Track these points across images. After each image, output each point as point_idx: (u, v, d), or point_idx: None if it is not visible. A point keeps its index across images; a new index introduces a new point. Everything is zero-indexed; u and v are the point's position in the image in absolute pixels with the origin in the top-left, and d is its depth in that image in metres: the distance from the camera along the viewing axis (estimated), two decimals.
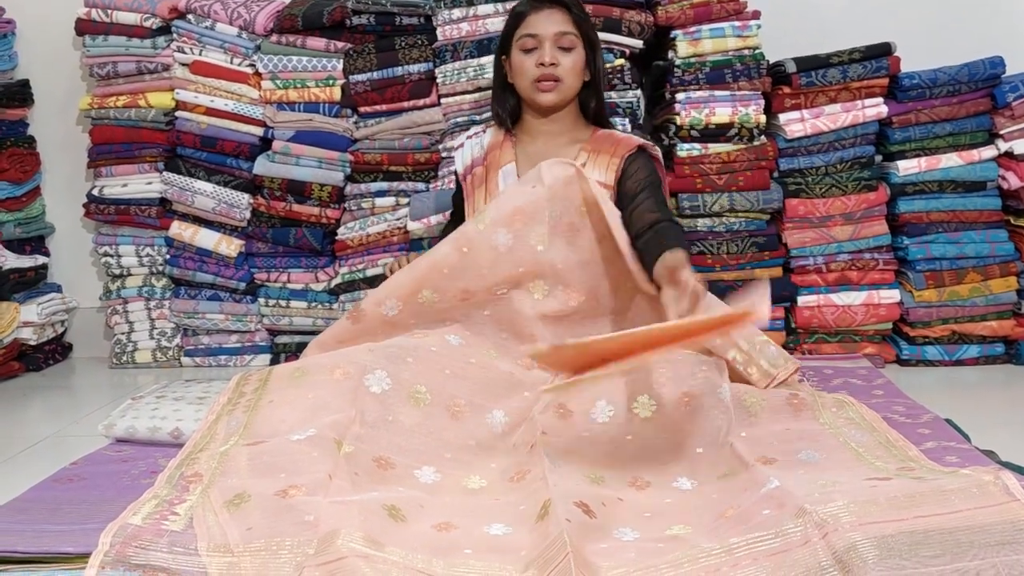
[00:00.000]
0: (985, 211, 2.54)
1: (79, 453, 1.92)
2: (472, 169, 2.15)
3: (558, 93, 2.01)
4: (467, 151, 2.18)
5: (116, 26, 2.69)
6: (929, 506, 1.23)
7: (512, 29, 2.06)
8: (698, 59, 2.53)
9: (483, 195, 2.10)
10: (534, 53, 2.01)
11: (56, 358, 2.95)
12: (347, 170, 2.66)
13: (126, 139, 2.75)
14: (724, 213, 2.56)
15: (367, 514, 1.34)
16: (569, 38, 2.00)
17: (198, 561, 1.25)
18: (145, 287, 2.83)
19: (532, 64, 2.00)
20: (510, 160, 2.09)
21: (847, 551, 1.15)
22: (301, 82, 2.66)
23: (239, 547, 1.27)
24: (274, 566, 1.23)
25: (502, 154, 2.11)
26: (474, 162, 2.16)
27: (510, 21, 2.08)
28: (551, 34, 1.99)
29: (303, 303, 2.73)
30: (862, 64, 2.50)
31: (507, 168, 2.08)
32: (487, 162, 2.13)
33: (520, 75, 2.04)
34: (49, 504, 1.62)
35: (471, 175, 2.15)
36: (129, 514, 1.39)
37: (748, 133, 2.53)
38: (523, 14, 2.04)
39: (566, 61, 2.00)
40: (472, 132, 2.24)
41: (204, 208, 2.72)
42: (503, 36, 2.10)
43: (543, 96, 2.01)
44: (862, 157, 2.57)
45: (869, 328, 2.57)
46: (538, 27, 2.00)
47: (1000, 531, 1.18)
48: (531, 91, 2.02)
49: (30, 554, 1.37)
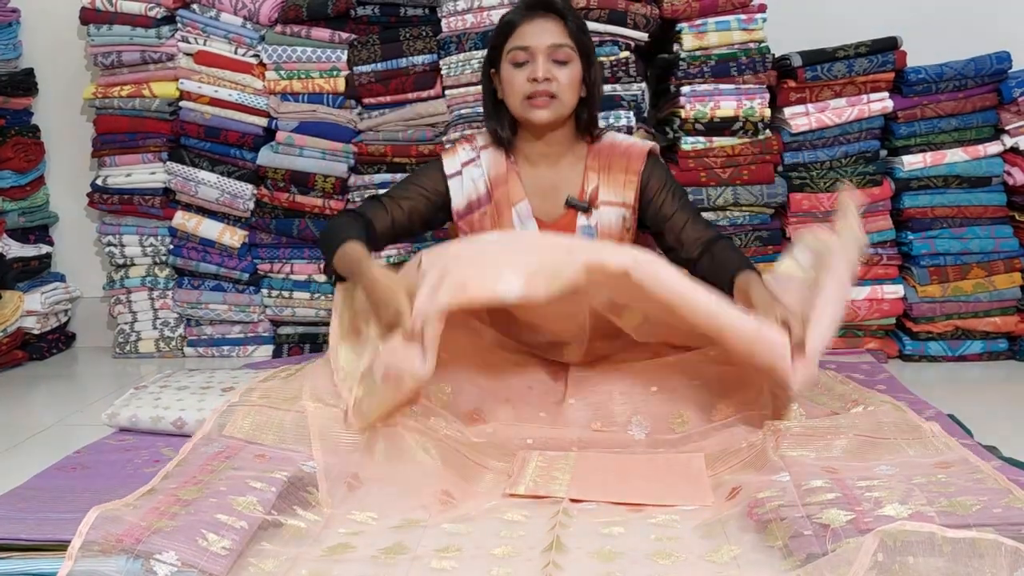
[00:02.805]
0: (990, 207, 2.53)
1: (82, 442, 1.92)
2: (478, 207, 1.94)
3: (553, 110, 1.83)
4: (467, 183, 1.95)
5: (120, 15, 2.69)
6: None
7: (502, 40, 1.87)
8: (703, 52, 2.52)
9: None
10: (526, 67, 1.83)
11: (59, 347, 2.95)
12: (351, 161, 2.66)
13: (130, 129, 2.75)
14: (728, 207, 2.55)
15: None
16: (564, 51, 1.82)
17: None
18: (148, 277, 2.83)
19: (524, 79, 1.82)
20: (521, 197, 1.92)
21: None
22: (305, 73, 2.65)
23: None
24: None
25: (511, 189, 1.93)
26: (480, 199, 1.95)
27: (499, 31, 1.88)
28: (544, 47, 1.81)
29: (306, 294, 2.73)
30: (868, 58, 2.49)
31: (520, 207, 1.92)
32: (494, 200, 1.93)
33: (511, 91, 1.85)
34: (52, 492, 1.62)
35: (474, 215, 1.95)
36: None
37: (753, 127, 2.52)
38: (513, 23, 1.85)
39: (561, 75, 1.82)
40: (464, 157, 1.97)
41: (208, 198, 2.72)
42: (492, 48, 1.90)
43: (537, 113, 1.83)
44: (867, 152, 2.56)
45: (872, 323, 2.57)
46: (530, 39, 1.82)
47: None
48: (523, 109, 1.84)
49: (33, 541, 1.37)
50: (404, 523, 1.45)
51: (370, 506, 1.50)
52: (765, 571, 1.24)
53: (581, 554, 1.32)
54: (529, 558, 1.31)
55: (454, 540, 1.38)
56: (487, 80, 1.93)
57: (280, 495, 1.43)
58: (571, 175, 1.93)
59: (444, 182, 1.97)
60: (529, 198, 1.92)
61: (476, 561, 1.31)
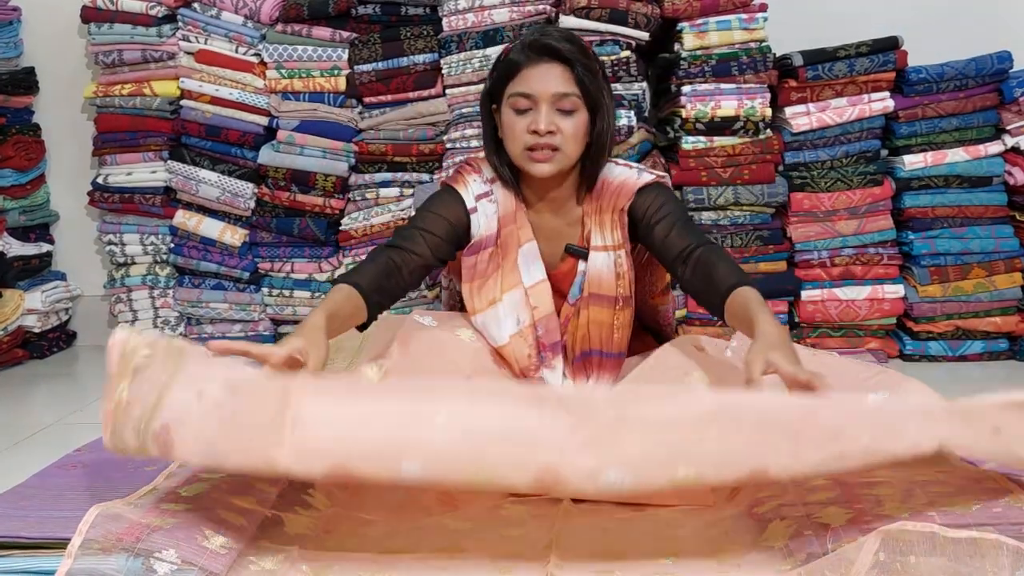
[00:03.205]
0: (991, 207, 2.53)
1: (83, 440, 1.92)
2: (483, 247, 1.77)
3: (555, 164, 1.67)
4: (482, 219, 1.77)
5: (121, 14, 2.69)
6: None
7: (503, 81, 1.70)
8: (704, 52, 2.52)
9: (498, 281, 1.75)
10: (527, 115, 1.66)
11: (60, 346, 2.95)
12: (351, 160, 2.66)
13: (131, 127, 2.74)
14: (729, 206, 2.55)
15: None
16: (570, 100, 1.65)
17: None
18: (149, 276, 2.83)
19: (524, 128, 1.66)
20: (529, 238, 1.77)
21: None
22: (306, 72, 2.65)
23: None
24: None
25: (519, 229, 1.77)
26: (486, 241, 1.77)
27: (501, 69, 1.71)
28: (548, 95, 1.64)
29: (307, 293, 2.73)
30: (869, 58, 2.49)
31: (527, 248, 1.76)
32: (501, 239, 1.77)
33: (511, 138, 1.69)
34: (52, 491, 1.62)
35: (479, 255, 1.77)
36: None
37: (754, 126, 2.52)
38: (517, 66, 1.68)
39: (566, 126, 1.66)
40: (478, 191, 1.79)
41: (208, 197, 2.72)
42: (493, 83, 1.74)
43: (536, 167, 1.67)
44: (868, 151, 2.56)
45: (873, 323, 2.57)
46: (533, 85, 1.65)
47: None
48: (523, 160, 1.69)
49: (33, 540, 1.37)
50: (405, 522, 1.45)
51: (371, 505, 1.50)
52: (765, 571, 1.24)
53: (582, 553, 1.32)
54: (530, 557, 1.31)
55: (455, 539, 1.38)
56: (487, 116, 1.78)
57: (280, 494, 1.44)
58: (572, 219, 1.79)
59: (467, 216, 1.79)
60: (538, 240, 1.78)
61: (477, 560, 1.31)
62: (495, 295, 1.73)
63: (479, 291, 1.75)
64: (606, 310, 1.70)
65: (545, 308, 1.72)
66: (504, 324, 1.70)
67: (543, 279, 1.74)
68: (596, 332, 1.71)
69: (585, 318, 1.71)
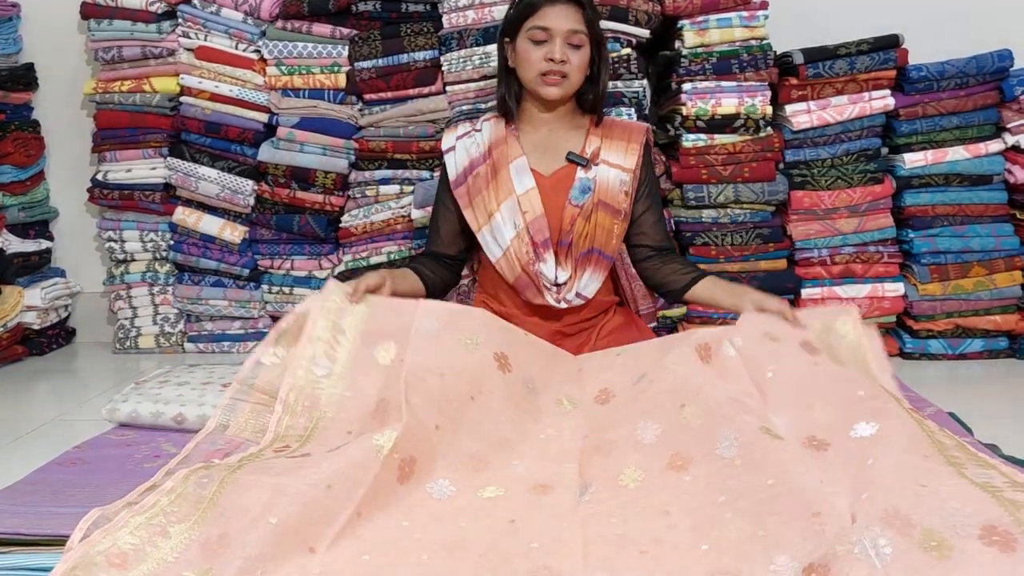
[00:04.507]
0: (991, 205, 2.53)
1: (82, 437, 1.92)
2: (473, 170, 2.07)
3: (563, 88, 2.00)
4: (460, 153, 2.10)
5: (121, 10, 2.69)
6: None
7: (523, 17, 2.01)
8: (705, 49, 2.52)
9: (493, 194, 2.03)
10: (543, 46, 1.98)
11: (59, 342, 2.95)
12: (351, 157, 2.66)
13: (130, 124, 2.74)
14: (729, 204, 2.55)
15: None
16: (580, 36, 1.98)
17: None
18: (149, 273, 2.83)
19: (540, 56, 1.98)
20: (519, 154, 2.05)
21: None
22: (306, 68, 2.65)
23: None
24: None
25: (509, 148, 2.06)
26: (472, 163, 2.08)
27: (521, 8, 2.02)
28: (564, 31, 1.96)
29: (306, 290, 2.73)
30: (870, 56, 2.49)
31: (518, 163, 2.04)
32: (492, 159, 2.07)
33: (527, 66, 2.01)
34: (52, 487, 1.63)
35: (472, 177, 2.06)
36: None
37: (754, 124, 2.52)
38: (536, 5, 2.00)
39: (575, 58, 1.99)
40: (461, 131, 2.13)
41: (208, 194, 2.72)
42: (510, 20, 2.05)
43: (548, 90, 1.99)
44: (868, 149, 2.56)
45: (873, 321, 2.56)
46: (552, 21, 1.97)
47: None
48: (536, 83, 2.00)
49: (33, 536, 1.37)
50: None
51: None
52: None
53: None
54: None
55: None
56: (500, 48, 2.08)
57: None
58: (572, 137, 2.07)
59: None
60: (527, 155, 2.05)
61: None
62: (492, 207, 2.02)
63: (478, 209, 2.04)
64: (610, 218, 2.01)
65: (535, 212, 2.00)
66: (504, 230, 2.00)
67: (532, 187, 2.01)
68: (601, 234, 2.01)
69: (594, 221, 2.00)
